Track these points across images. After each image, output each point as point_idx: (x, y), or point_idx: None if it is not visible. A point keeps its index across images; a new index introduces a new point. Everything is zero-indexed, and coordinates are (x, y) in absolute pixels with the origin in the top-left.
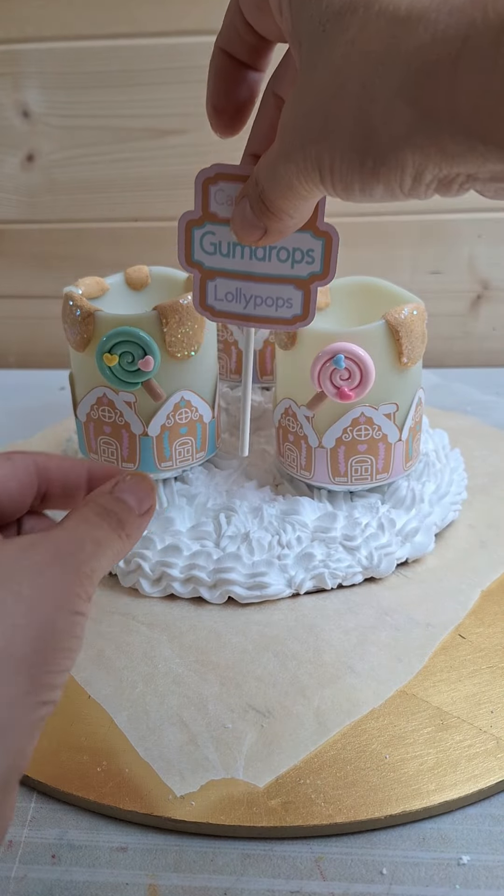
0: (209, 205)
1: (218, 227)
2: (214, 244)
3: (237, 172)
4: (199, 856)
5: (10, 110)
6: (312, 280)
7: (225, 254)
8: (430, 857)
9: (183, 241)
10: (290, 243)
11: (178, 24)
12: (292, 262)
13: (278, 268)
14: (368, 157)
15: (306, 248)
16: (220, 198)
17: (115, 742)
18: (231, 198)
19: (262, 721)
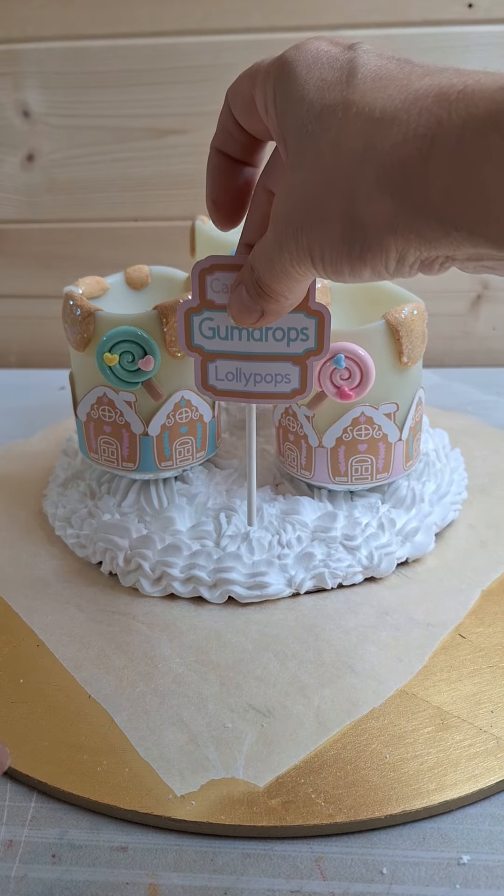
0: (206, 293)
1: (215, 313)
2: (213, 329)
3: (231, 262)
4: (200, 855)
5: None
6: (308, 356)
7: (224, 337)
8: (431, 857)
9: (183, 327)
10: (285, 323)
11: (179, 23)
12: (288, 341)
13: (275, 347)
14: (356, 244)
15: (300, 326)
16: (216, 286)
17: (115, 741)
18: (226, 286)
19: (263, 721)
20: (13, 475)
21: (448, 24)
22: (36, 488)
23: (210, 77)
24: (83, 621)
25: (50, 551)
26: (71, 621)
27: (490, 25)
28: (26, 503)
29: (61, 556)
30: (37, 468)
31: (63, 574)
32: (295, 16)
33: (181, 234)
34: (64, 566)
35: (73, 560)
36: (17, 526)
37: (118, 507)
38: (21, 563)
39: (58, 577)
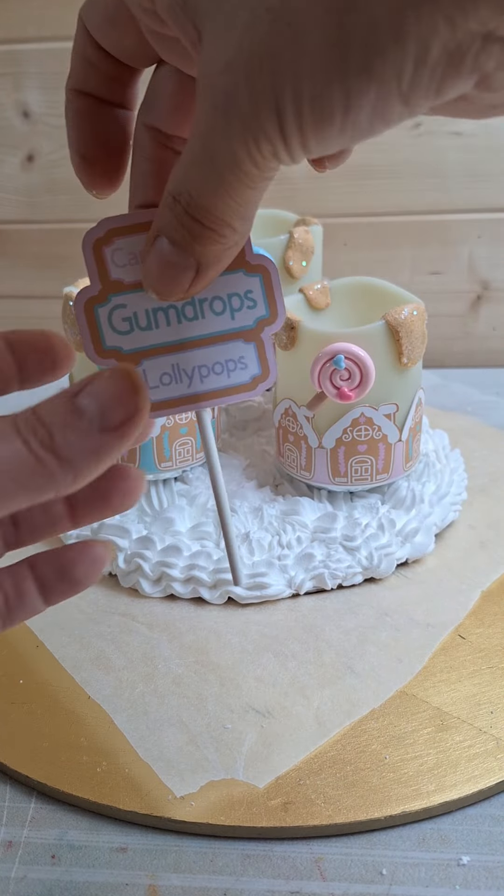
0: (108, 272)
1: (128, 296)
2: (128, 319)
3: (134, 222)
4: (199, 856)
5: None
6: (261, 327)
7: (145, 327)
8: (430, 858)
9: (86, 328)
10: (221, 290)
11: None
12: (231, 312)
13: (217, 323)
14: (355, 46)
15: (243, 290)
16: (120, 258)
17: (114, 742)
18: (135, 254)
19: (262, 721)
20: None
21: None
22: None
23: None
24: (83, 622)
25: None
26: (70, 622)
27: None
28: None
29: None
30: None
31: None
32: None
33: None
34: None
35: None
36: None
37: None
38: None
39: None
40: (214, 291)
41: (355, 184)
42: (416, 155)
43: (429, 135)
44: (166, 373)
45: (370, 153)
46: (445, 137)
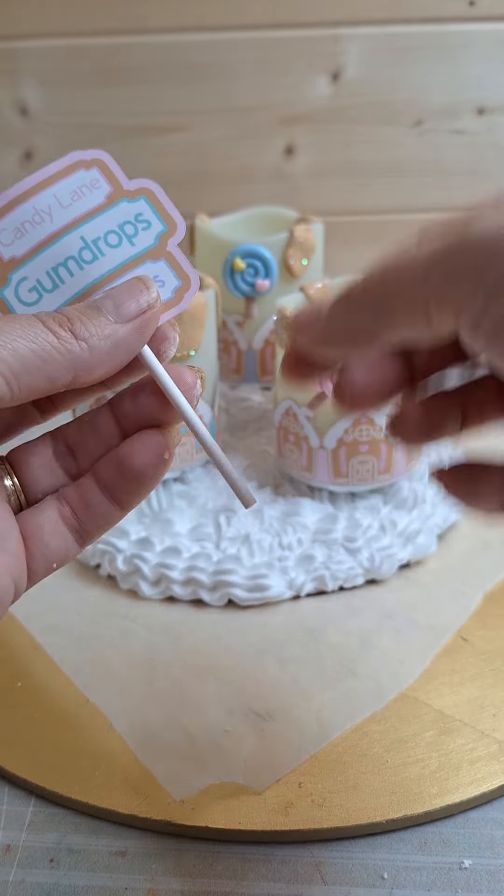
0: (1, 255)
1: (24, 268)
2: (34, 288)
3: (13, 197)
4: (199, 860)
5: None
6: (164, 241)
7: (51, 288)
8: (432, 862)
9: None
10: (110, 224)
11: (179, 20)
12: (129, 239)
13: (118, 255)
14: None
15: (132, 215)
16: (7, 237)
17: (113, 746)
18: (18, 228)
19: (263, 724)
20: None
21: (449, 21)
22: None
23: (210, 74)
24: (82, 624)
25: None
26: (69, 624)
27: (491, 23)
28: None
29: None
30: None
31: (61, 576)
32: (296, 12)
33: None
34: (62, 569)
35: (71, 563)
36: None
37: None
38: None
39: (55, 579)
40: (104, 228)
41: (356, 182)
42: (417, 153)
43: (430, 133)
44: None
45: (371, 151)
46: (447, 136)
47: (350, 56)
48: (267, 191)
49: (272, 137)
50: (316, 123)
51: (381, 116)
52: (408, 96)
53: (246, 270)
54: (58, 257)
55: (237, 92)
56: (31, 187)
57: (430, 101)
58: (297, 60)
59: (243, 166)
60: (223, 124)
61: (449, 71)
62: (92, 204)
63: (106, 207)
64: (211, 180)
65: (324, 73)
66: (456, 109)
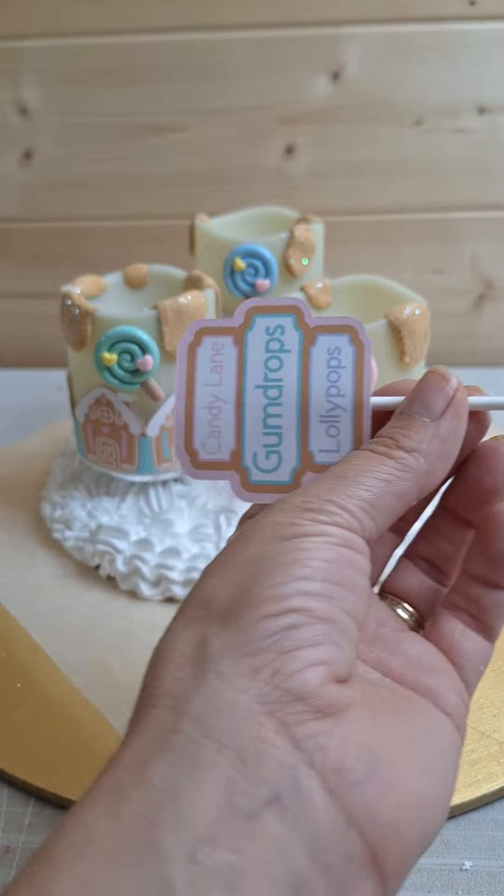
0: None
1: (246, 447)
2: (267, 454)
3: (180, 421)
4: None
5: (8, 107)
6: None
7: (277, 443)
8: (433, 863)
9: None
10: (256, 353)
11: (179, 20)
12: (280, 351)
13: (288, 370)
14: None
15: (264, 329)
16: (211, 447)
17: (113, 746)
18: (211, 433)
19: None
20: (10, 477)
21: (449, 20)
22: (33, 490)
23: (209, 74)
24: (81, 625)
25: (47, 554)
26: (69, 625)
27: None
28: (24, 505)
29: (59, 558)
30: (34, 470)
31: (61, 577)
32: (295, 12)
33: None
34: (62, 569)
35: (70, 563)
36: (15, 528)
37: (117, 510)
38: (18, 566)
39: (55, 580)
40: (257, 360)
41: (356, 181)
42: (417, 152)
43: (431, 132)
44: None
45: (372, 151)
46: (448, 134)
47: (350, 55)
48: (267, 190)
49: (272, 137)
50: (316, 123)
51: (381, 116)
52: (408, 96)
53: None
54: (258, 416)
55: (237, 92)
56: (185, 394)
57: (431, 100)
58: (298, 60)
59: (243, 166)
60: (223, 124)
61: (449, 70)
62: (230, 358)
63: (241, 350)
64: (211, 180)
65: (324, 73)
66: (456, 109)
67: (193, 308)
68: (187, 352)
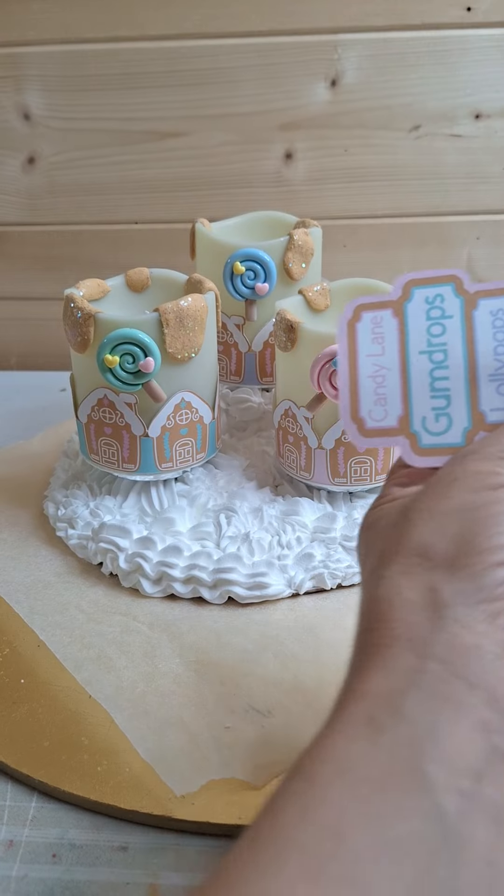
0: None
1: (414, 412)
2: (437, 416)
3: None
4: (200, 855)
5: (12, 113)
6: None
7: (446, 406)
8: None
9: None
10: (418, 322)
11: (179, 27)
12: (441, 318)
13: (452, 335)
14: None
15: (423, 299)
16: (378, 414)
17: (115, 742)
18: (378, 400)
19: (263, 721)
20: (14, 476)
21: (447, 27)
22: (37, 490)
23: (210, 80)
24: (84, 622)
25: (51, 552)
26: (72, 622)
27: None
28: (27, 504)
29: (62, 556)
30: (37, 470)
31: (64, 575)
32: (294, 19)
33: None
34: (65, 567)
35: (73, 561)
36: (18, 527)
37: (119, 509)
38: (22, 564)
39: (59, 577)
40: (420, 328)
41: (354, 186)
42: (414, 157)
43: (428, 137)
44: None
45: (370, 156)
46: (444, 140)
47: (348, 62)
48: (266, 195)
49: (272, 143)
50: (315, 129)
51: (379, 121)
52: (405, 102)
53: (246, 274)
54: (424, 381)
55: (237, 98)
56: (348, 366)
57: (428, 106)
58: (296, 67)
59: (243, 171)
60: (223, 130)
61: (446, 76)
62: (391, 328)
63: (402, 320)
64: (211, 185)
65: (322, 80)
66: (453, 114)
67: (194, 311)
68: (347, 328)
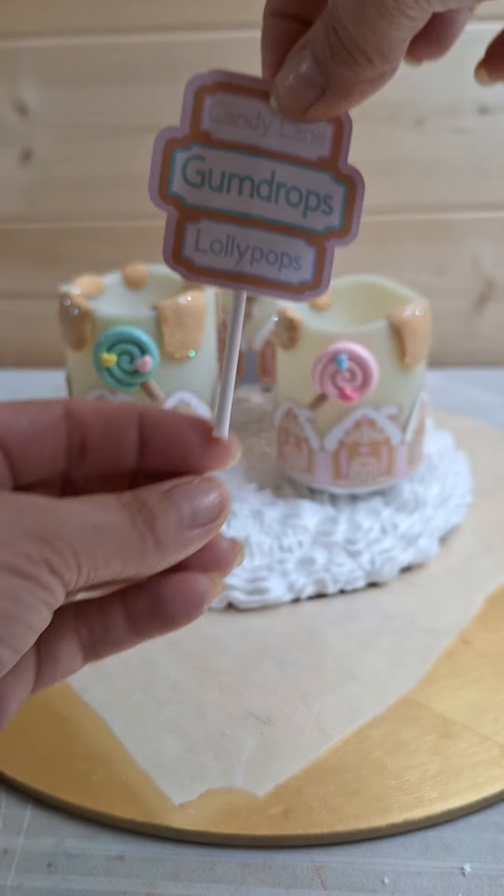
0: (201, 121)
1: (210, 150)
2: (202, 173)
3: (245, 84)
4: (198, 864)
5: (7, 107)
6: (329, 236)
7: (216, 187)
8: (433, 866)
9: (159, 166)
10: (302, 183)
11: (176, 19)
12: (305, 209)
13: (287, 213)
14: None
15: (324, 193)
16: (218, 113)
17: (112, 750)
18: (232, 115)
19: (262, 728)
20: None
21: None
22: None
23: None
24: None
25: None
26: None
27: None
28: None
29: None
30: None
31: None
32: None
33: None
34: None
35: None
36: None
37: None
38: None
39: None
40: (295, 181)
41: None
42: (419, 152)
43: (432, 132)
44: (218, 241)
45: (372, 150)
46: (449, 134)
47: None
48: None
49: None
50: None
51: (382, 116)
52: (409, 96)
53: None
54: (241, 169)
55: None
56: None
57: (432, 100)
58: None
59: None
60: None
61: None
62: (304, 153)
63: (311, 167)
64: None
65: None
66: (457, 109)
67: (193, 309)
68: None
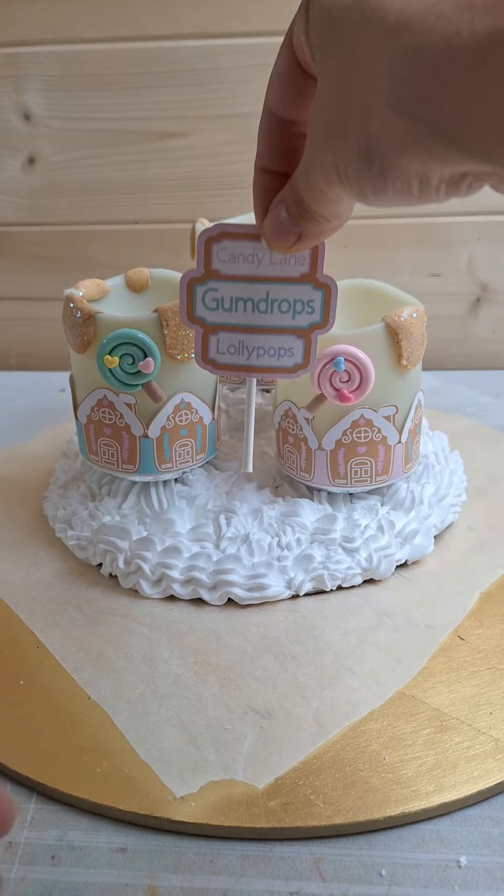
0: (211, 262)
1: (221, 283)
2: (217, 300)
3: (241, 231)
4: (199, 857)
5: (12, 113)
6: (313, 329)
7: (227, 308)
8: (429, 859)
9: (185, 298)
10: (291, 295)
11: (179, 27)
12: (293, 314)
13: (280, 319)
14: (374, 162)
15: (307, 299)
16: (223, 255)
17: (114, 743)
18: (234, 255)
19: (262, 722)
20: (13, 477)
21: None
22: (36, 490)
23: (209, 80)
24: (83, 623)
25: (50, 553)
26: (71, 623)
27: None
28: (27, 505)
29: (62, 557)
30: (37, 470)
31: (63, 576)
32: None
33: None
34: (64, 568)
35: (73, 562)
36: (18, 528)
37: (118, 509)
38: (21, 565)
39: (58, 578)
40: (285, 295)
41: None
42: None
43: None
44: (233, 345)
45: None
46: None
47: None
48: None
49: None
50: None
51: None
52: None
53: None
54: (245, 293)
55: (237, 97)
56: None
57: None
58: None
59: (243, 171)
60: (223, 129)
61: None
62: (289, 273)
63: (296, 282)
64: (211, 185)
65: None
66: None
67: None
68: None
